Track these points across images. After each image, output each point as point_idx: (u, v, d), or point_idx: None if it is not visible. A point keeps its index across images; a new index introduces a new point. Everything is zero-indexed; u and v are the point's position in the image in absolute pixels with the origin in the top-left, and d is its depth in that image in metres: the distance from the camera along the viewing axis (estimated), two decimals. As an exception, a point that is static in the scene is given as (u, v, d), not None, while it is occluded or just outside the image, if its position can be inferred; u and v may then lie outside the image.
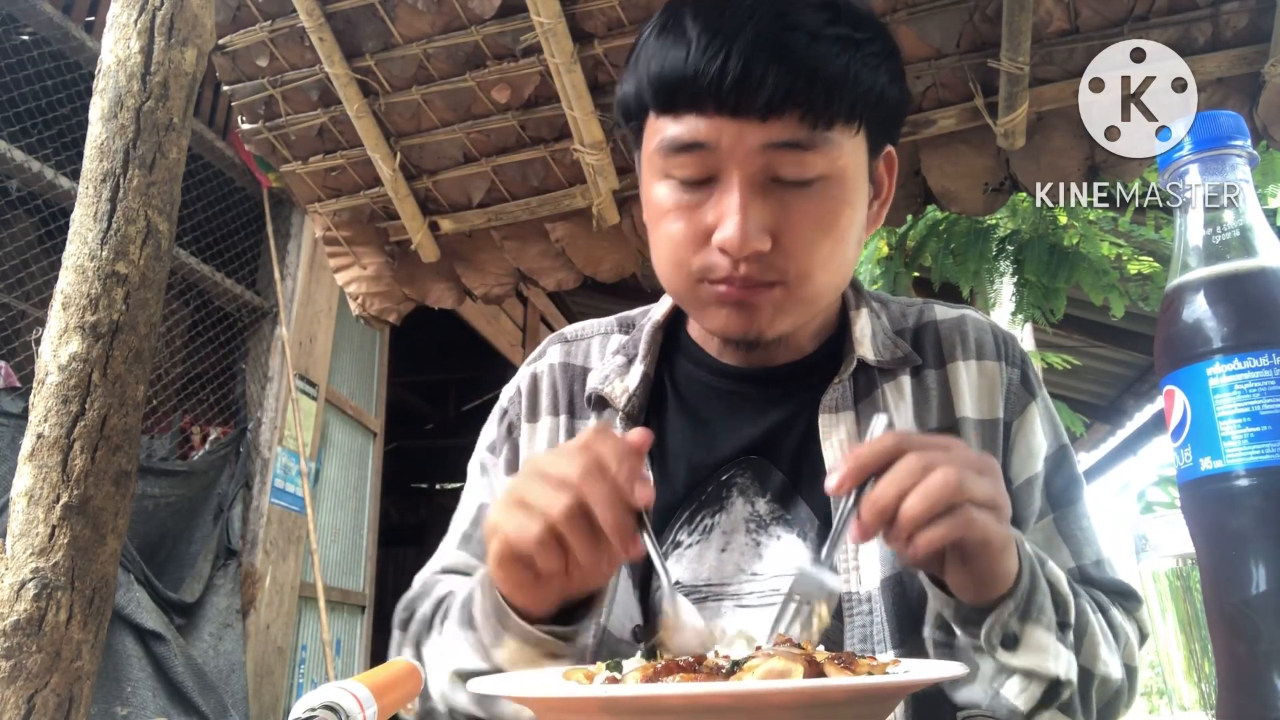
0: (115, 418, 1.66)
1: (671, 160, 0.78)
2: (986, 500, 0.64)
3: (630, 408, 0.92)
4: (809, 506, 0.86)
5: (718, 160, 0.76)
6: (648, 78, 0.78)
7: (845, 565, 0.83)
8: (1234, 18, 1.75)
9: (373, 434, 5.71)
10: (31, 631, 1.53)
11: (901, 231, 4.07)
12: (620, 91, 0.86)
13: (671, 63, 0.76)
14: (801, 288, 0.79)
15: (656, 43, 0.78)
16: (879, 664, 0.57)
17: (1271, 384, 0.48)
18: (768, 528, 0.87)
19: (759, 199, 0.76)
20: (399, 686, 0.60)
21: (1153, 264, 3.77)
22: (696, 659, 0.57)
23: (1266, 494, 0.47)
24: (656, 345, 0.97)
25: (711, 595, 0.86)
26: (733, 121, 0.74)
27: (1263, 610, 0.46)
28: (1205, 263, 0.52)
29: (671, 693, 0.48)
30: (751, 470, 0.89)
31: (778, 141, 0.74)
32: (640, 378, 0.94)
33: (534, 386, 1.01)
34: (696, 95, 0.75)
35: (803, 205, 0.77)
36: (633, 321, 1.04)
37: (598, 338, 1.03)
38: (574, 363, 1.01)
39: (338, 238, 2.45)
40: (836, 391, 0.88)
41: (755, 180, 0.76)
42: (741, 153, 0.75)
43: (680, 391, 0.95)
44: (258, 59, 2.15)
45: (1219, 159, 0.53)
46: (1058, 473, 0.92)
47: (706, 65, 0.73)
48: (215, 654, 3.82)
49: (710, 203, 0.77)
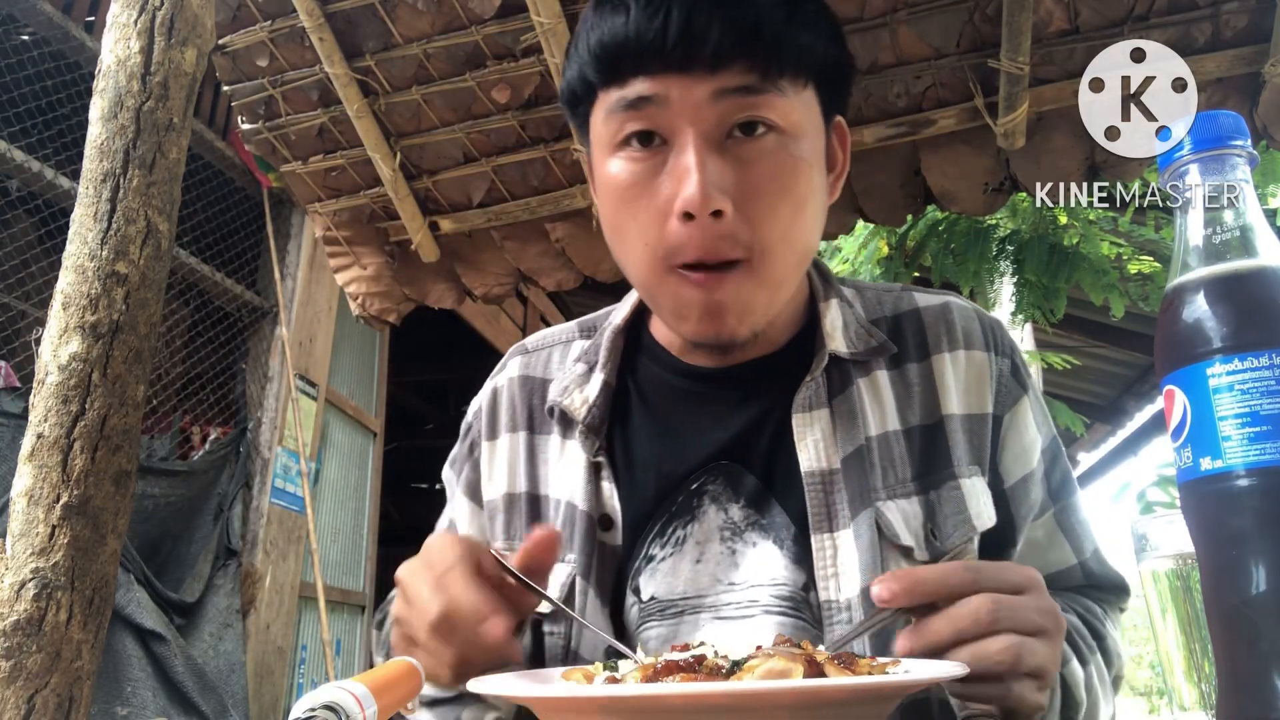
0: (115, 418, 1.66)
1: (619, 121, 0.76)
2: (1037, 671, 0.61)
3: (590, 419, 0.89)
4: (784, 510, 0.84)
5: (668, 117, 0.74)
6: (589, 52, 0.77)
7: (824, 572, 0.80)
8: (1234, 18, 1.75)
9: (373, 434, 5.71)
10: (31, 631, 1.53)
11: (901, 231, 4.07)
12: (564, 81, 0.84)
13: (612, 29, 0.74)
14: (764, 264, 0.76)
15: (595, 16, 0.77)
16: (879, 664, 0.57)
17: (1271, 384, 0.48)
18: (743, 535, 0.84)
19: (715, 156, 0.74)
20: (399, 686, 0.60)
21: (1153, 264, 3.77)
22: (696, 659, 0.57)
23: (1266, 494, 0.47)
24: (618, 350, 0.94)
25: (689, 609, 0.83)
26: (681, 76, 0.73)
27: (1263, 610, 0.46)
28: (1205, 263, 0.52)
29: (671, 692, 0.48)
30: (723, 476, 0.86)
31: (728, 88, 0.73)
32: (601, 386, 0.90)
33: (494, 402, 0.99)
34: (641, 56, 0.74)
35: (759, 162, 0.75)
36: (594, 326, 1.01)
37: (558, 346, 1.00)
38: (534, 375, 0.98)
39: (338, 238, 2.46)
40: (809, 389, 0.85)
41: (710, 136, 0.74)
42: (692, 105, 0.73)
43: (645, 397, 0.92)
44: (258, 59, 2.15)
45: (1219, 159, 0.53)
46: (1055, 466, 0.90)
47: (648, 23, 0.72)
48: (215, 654, 3.82)
49: (666, 169, 0.75)
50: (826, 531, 0.81)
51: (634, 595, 0.85)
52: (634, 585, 0.86)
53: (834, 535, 0.81)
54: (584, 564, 0.85)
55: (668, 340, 0.93)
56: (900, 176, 2.08)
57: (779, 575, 0.82)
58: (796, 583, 0.82)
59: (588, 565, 0.85)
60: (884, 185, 2.09)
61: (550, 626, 0.87)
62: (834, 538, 0.81)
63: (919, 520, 0.81)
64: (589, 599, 0.84)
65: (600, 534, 0.86)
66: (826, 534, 0.81)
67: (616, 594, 0.86)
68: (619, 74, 0.76)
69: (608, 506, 0.87)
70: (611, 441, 0.90)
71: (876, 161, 2.06)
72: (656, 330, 0.95)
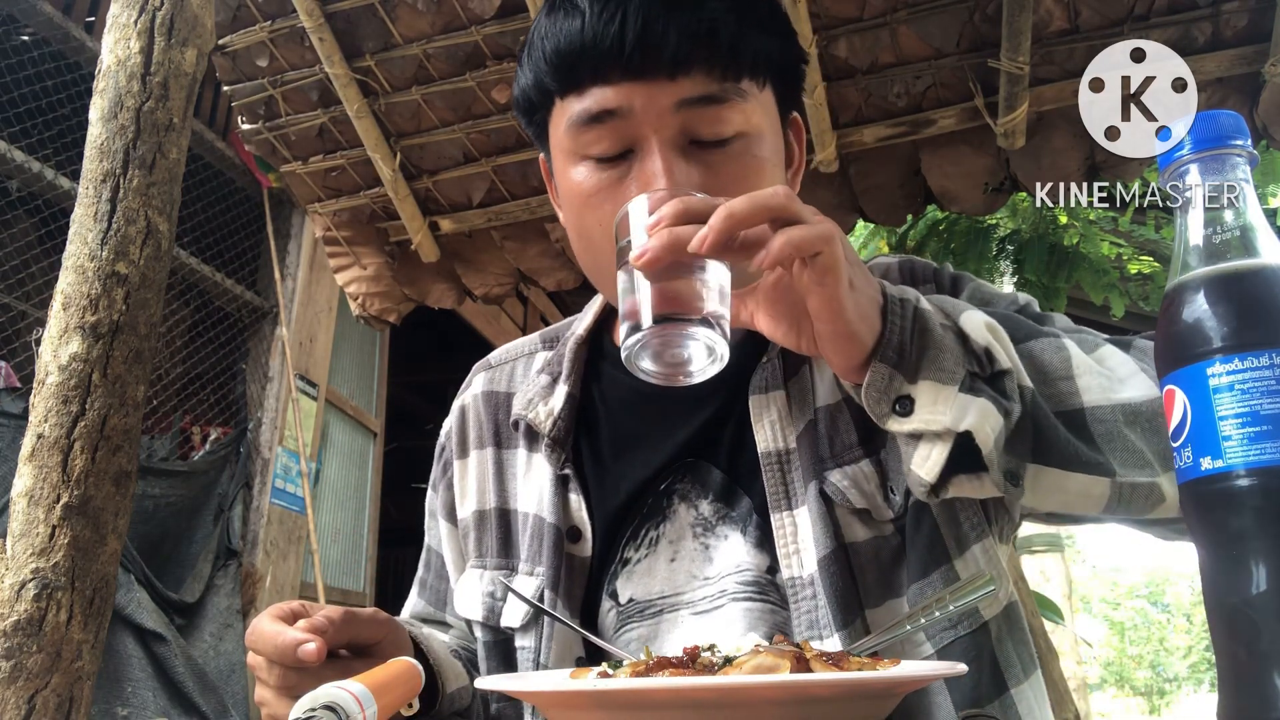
0: (115, 418, 1.66)
1: (584, 137, 0.76)
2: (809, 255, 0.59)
3: (556, 432, 0.89)
4: (749, 497, 0.84)
5: (632, 128, 0.74)
6: (545, 59, 0.76)
7: (785, 550, 0.80)
8: (1234, 17, 1.75)
9: (373, 434, 5.71)
10: (32, 632, 1.53)
11: (901, 231, 4.07)
12: (517, 88, 0.83)
13: (568, 36, 0.74)
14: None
15: (548, 22, 0.76)
16: (868, 661, 0.58)
17: (1271, 384, 0.48)
18: (714, 529, 0.84)
19: (682, 161, 0.74)
20: (399, 686, 0.60)
21: (1153, 264, 3.77)
22: (690, 654, 0.57)
23: (1266, 494, 0.47)
24: (581, 361, 0.94)
25: (667, 608, 0.83)
26: (641, 84, 0.73)
27: (1263, 610, 0.46)
28: (1205, 262, 0.52)
29: (661, 686, 0.48)
30: (690, 474, 0.86)
31: (690, 98, 0.73)
32: (565, 399, 0.90)
33: (462, 420, 0.99)
34: (599, 64, 0.73)
35: (725, 166, 0.75)
36: (557, 336, 1.01)
37: (521, 360, 1.01)
38: (498, 390, 0.99)
39: (338, 238, 2.46)
40: (765, 371, 0.85)
41: (675, 143, 0.74)
42: (655, 115, 0.73)
43: (609, 405, 0.92)
44: (258, 59, 2.15)
45: (1219, 159, 0.53)
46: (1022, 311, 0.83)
47: (604, 30, 0.72)
48: (216, 654, 3.82)
49: (632, 176, 0.75)
50: (786, 510, 0.81)
51: (611, 599, 0.86)
52: (610, 590, 0.86)
53: (793, 513, 0.81)
54: (552, 576, 0.85)
55: None
56: (900, 176, 2.08)
57: (743, 561, 0.82)
58: (760, 566, 0.82)
59: (555, 577, 0.85)
60: (884, 185, 2.09)
61: (521, 641, 0.88)
62: (793, 515, 0.81)
63: (874, 481, 0.80)
64: (558, 610, 0.84)
65: (568, 545, 0.87)
66: (786, 512, 0.81)
67: (587, 603, 0.86)
68: (577, 82, 0.75)
69: (575, 518, 0.87)
70: (579, 452, 0.90)
71: (876, 161, 2.06)
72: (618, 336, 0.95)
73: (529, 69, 0.79)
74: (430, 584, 1.04)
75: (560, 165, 0.81)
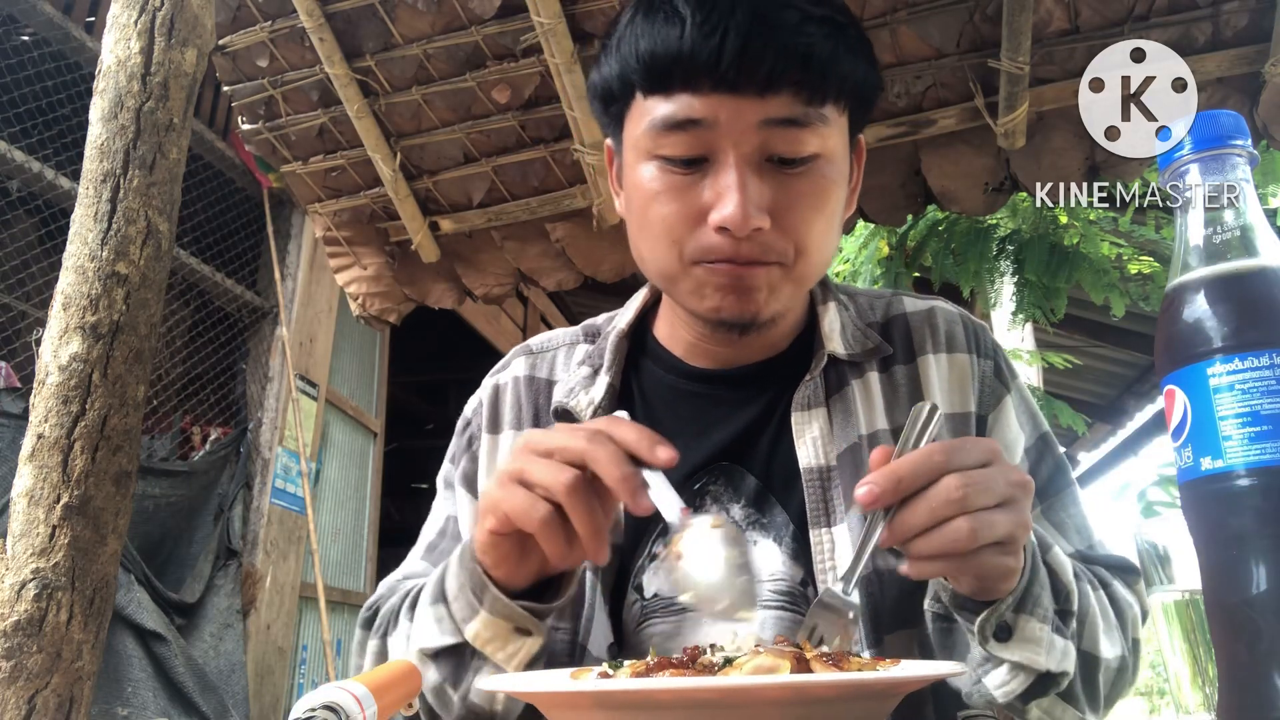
0: (115, 418, 1.66)
1: (664, 140, 0.77)
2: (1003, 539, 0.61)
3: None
4: (784, 510, 0.85)
5: (713, 138, 0.75)
6: (636, 58, 0.77)
7: (822, 566, 0.81)
8: (1234, 17, 1.75)
9: (373, 434, 5.71)
10: (32, 632, 1.53)
11: (901, 231, 4.07)
12: (598, 75, 0.83)
13: (665, 41, 0.74)
14: (797, 267, 0.78)
15: (645, 22, 0.76)
16: (868, 661, 0.58)
17: (1271, 384, 0.48)
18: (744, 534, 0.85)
19: (756, 177, 0.75)
20: (399, 686, 0.60)
21: (1153, 264, 3.77)
22: (690, 655, 0.57)
23: (1266, 494, 0.47)
24: (622, 354, 0.95)
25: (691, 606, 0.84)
26: (730, 98, 0.74)
27: (1263, 610, 0.46)
28: (1205, 262, 0.52)
29: (661, 687, 0.49)
30: (724, 477, 0.87)
31: (775, 118, 0.74)
32: (605, 389, 0.91)
33: (496, 398, 0.99)
34: (692, 73, 0.74)
35: (798, 185, 0.77)
36: (598, 330, 1.02)
37: (563, 349, 1.01)
38: (539, 376, 0.99)
39: (338, 238, 2.46)
40: (808, 388, 0.87)
41: (751, 159, 0.75)
42: (739, 130, 0.74)
43: (648, 400, 0.93)
44: (258, 59, 2.15)
45: (1219, 159, 0.53)
46: (1041, 463, 0.91)
47: (704, 42, 0.72)
48: (216, 654, 3.82)
49: (705, 183, 0.76)
50: (824, 527, 0.82)
51: (636, 593, 0.86)
52: (636, 583, 0.87)
53: (831, 530, 0.82)
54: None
55: (671, 342, 0.94)
56: (900, 176, 2.08)
57: (778, 571, 0.83)
58: (794, 578, 0.83)
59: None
60: (884, 185, 2.09)
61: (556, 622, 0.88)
62: (831, 532, 0.82)
63: None
64: (595, 595, 0.85)
65: None
66: (825, 529, 0.82)
67: (616, 593, 0.87)
68: (666, 87, 0.76)
69: None
70: None
71: (877, 161, 2.06)
72: (660, 332, 0.96)
73: (615, 61, 0.80)
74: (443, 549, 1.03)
75: (630, 159, 0.82)
